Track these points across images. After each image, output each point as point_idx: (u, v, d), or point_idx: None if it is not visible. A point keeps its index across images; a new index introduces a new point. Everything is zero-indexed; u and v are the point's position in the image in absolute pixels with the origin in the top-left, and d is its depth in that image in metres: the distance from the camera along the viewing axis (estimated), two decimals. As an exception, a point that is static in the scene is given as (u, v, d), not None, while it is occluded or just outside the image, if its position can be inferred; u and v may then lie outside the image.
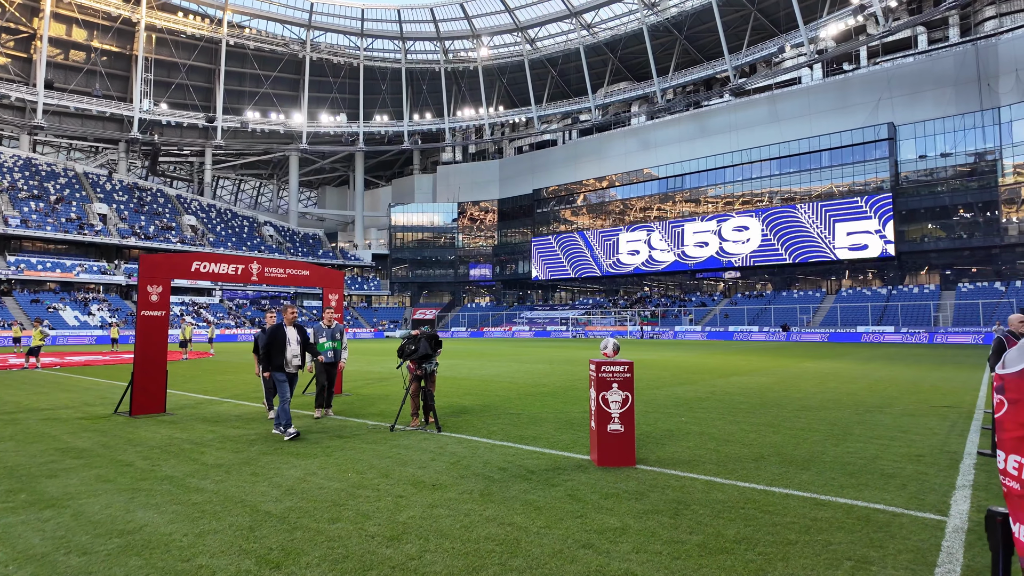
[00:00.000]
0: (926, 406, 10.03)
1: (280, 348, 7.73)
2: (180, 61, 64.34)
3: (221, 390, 12.90)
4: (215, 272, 10.40)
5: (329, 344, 9.24)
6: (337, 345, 9.31)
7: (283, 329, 7.85)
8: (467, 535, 4.08)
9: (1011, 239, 43.02)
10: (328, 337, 9.27)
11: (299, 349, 8.07)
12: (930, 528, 4.20)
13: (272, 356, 7.66)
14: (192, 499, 4.92)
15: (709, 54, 60.71)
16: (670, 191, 59.67)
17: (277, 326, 7.84)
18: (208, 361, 22.90)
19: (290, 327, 8.04)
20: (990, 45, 44.97)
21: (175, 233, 58.83)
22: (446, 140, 73.39)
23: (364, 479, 5.51)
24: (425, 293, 78.13)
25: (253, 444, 7.15)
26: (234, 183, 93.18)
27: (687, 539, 4.00)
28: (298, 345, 8.06)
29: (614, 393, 6.06)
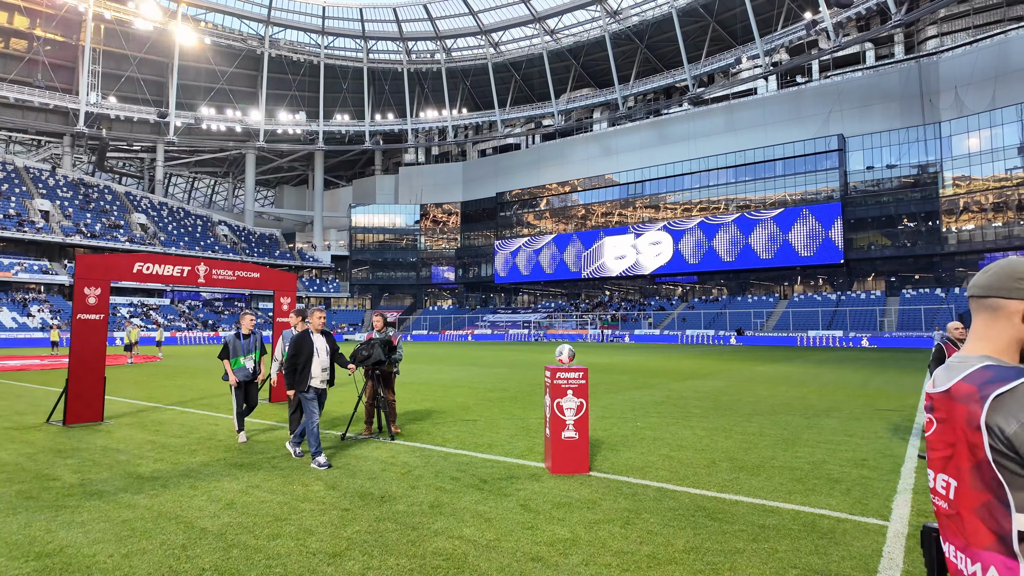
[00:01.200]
0: (871, 410, 10.35)
1: (307, 360, 6.56)
2: (131, 54, 61.98)
3: (166, 397, 12.37)
4: (159, 274, 9.96)
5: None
6: None
7: (310, 337, 6.65)
8: (414, 550, 3.95)
9: (951, 248, 45.15)
10: None
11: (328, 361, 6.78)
12: (872, 534, 4.28)
13: (299, 370, 6.52)
14: (122, 516, 4.64)
15: (669, 63, 61.90)
16: (631, 197, 60.55)
17: (304, 333, 6.71)
18: (155, 365, 22.02)
19: (317, 334, 6.80)
20: (932, 63, 47.17)
21: (123, 232, 56.57)
22: (409, 141, 72.71)
23: (309, 491, 5.31)
24: (386, 295, 77.15)
25: (195, 454, 6.84)
26: (187, 181, 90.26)
27: (637, 550, 3.96)
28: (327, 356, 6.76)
29: (569, 400, 6.02)
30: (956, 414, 1.38)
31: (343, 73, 70.69)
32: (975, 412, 1.33)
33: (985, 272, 1.50)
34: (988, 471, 1.31)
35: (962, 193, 44.81)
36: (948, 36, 48.90)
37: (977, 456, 1.33)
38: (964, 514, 1.38)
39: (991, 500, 1.32)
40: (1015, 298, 1.43)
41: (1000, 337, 1.45)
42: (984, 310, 1.48)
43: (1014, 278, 1.44)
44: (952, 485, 1.40)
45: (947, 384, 1.43)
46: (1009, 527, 1.29)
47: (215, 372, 18.78)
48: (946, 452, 1.42)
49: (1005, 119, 42.34)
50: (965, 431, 1.35)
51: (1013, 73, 42.93)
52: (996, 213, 43.29)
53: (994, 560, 1.32)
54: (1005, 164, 42.69)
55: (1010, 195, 42.44)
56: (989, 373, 1.35)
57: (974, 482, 1.35)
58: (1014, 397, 1.28)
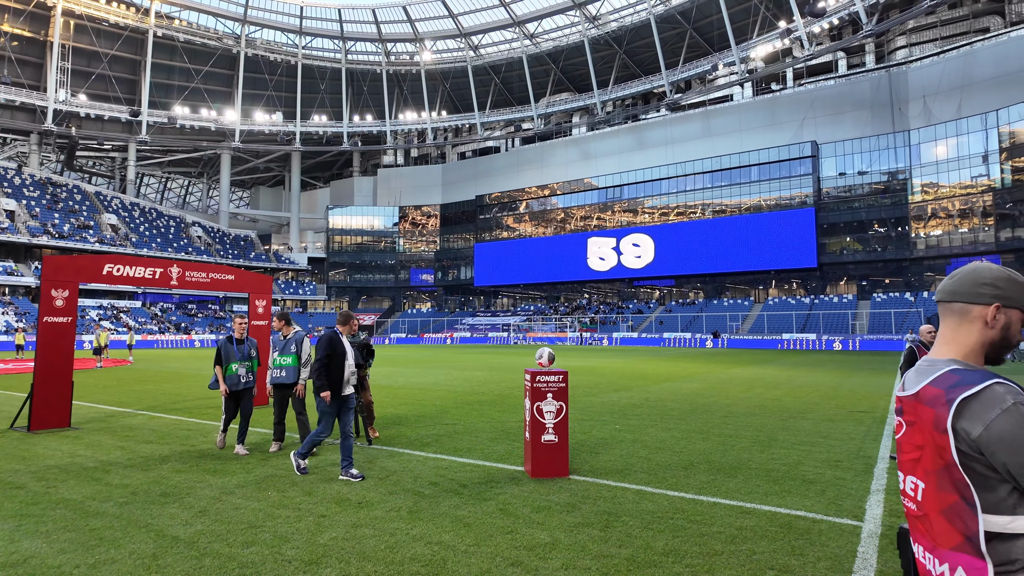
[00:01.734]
0: (844, 411, 10.53)
1: (339, 364, 6.13)
2: (102, 50, 60.62)
3: (136, 401, 12.08)
4: (130, 276, 9.72)
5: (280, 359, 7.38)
6: (292, 361, 7.37)
7: (341, 339, 6.19)
8: (391, 556, 3.90)
9: (919, 253, 46.30)
10: (279, 350, 7.38)
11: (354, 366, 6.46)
12: (847, 534, 4.34)
13: (332, 374, 6.07)
14: (90, 525, 4.51)
15: (647, 69, 62.53)
16: (610, 201, 60.96)
17: (334, 335, 6.17)
18: (125, 370, 21.50)
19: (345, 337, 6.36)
20: (901, 72, 48.39)
21: (93, 232, 55.23)
22: (387, 143, 72.27)
23: (285, 498, 5.22)
24: (364, 298, 76.47)
25: (166, 461, 6.68)
26: (160, 181, 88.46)
27: (616, 553, 3.96)
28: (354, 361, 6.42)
29: (549, 403, 6.01)
30: (924, 417, 1.41)
31: (321, 74, 70.04)
32: (942, 415, 1.35)
33: (952, 278, 1.53)
34: (955, 473, 1.33)
35: (930, 200, 46.00)
36: (916, 47, 50.21)
37: (944, 458, 1.35)
38: (932, 515, 1.40)
39: (958, 501, 1.34)
40: (980, 303, 1.46)
41: (966, 341, 1.48)
42: (951, 315, 1.52)
43: (979, 283, 1.48)
44: (920, 487, 1.43)
45: (916, 388, 1.46)
46: (976, 528, 1.31)
47: (188, 376, 18.41)
48: (915, 454, 1.44)
49: (970, 128, 43.59)
50: (933, 434, 1.38)
51: (978, 84, 44.24)
52: (962, 219, 44.50)
53: (962, 560, 1.35)
54: (971, 172, 43.94)
55: (975, 202, 43.68)
56: (955, 377, 1.38)
57: (941, 484, 1.37)
58: (979, 401, 1.31)
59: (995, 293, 1.46)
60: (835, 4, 46.79)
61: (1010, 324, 1.46)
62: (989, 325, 1.46)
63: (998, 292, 1.46)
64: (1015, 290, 1.46)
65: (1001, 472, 1.30)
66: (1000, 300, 1.45)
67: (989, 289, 1.46)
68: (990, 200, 42.86)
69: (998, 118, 42.08)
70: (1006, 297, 1.46)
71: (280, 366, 7.35)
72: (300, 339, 7.49)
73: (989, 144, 42.74)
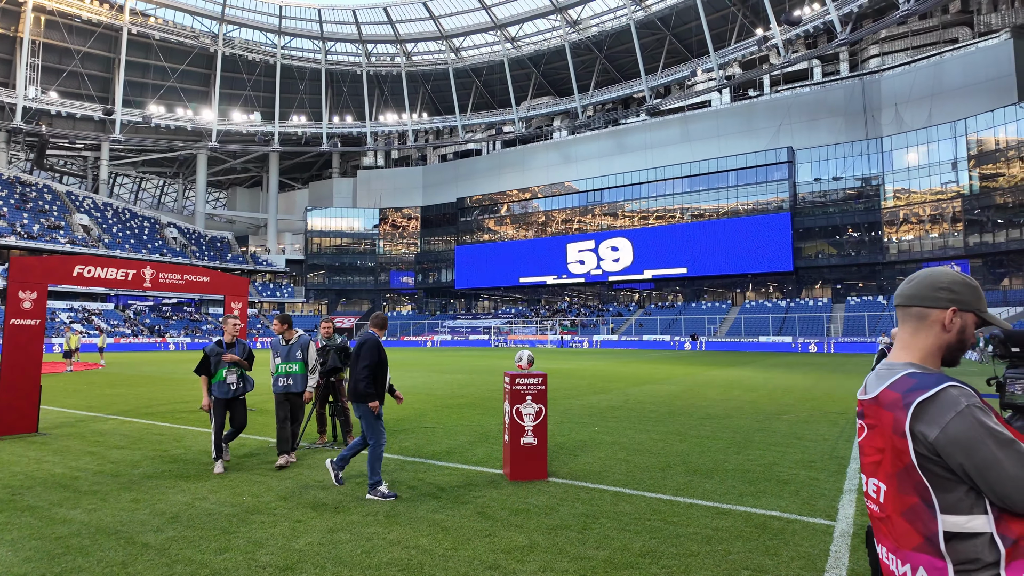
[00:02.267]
0: (819, 413, 10.71)
1: (384, 372, 5.70)
2: (74, 47, 59.30)
3: (107, 406, 11.81)
4: (101, 277, 9.52)
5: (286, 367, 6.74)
6: (299, 368, 6.75)
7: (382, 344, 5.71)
8: (368, 561, 3.86)
9: (892, 257, 47.33)
10: (284, 357, 6.74)
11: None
12: (820, 533, 4.41)
13: (379, 381, 5.63)
14: (56, 532, 4.39)
15: (627, 74, 63.05)
16: (590, 204, 61.33)
17: (376, 340, 5.66)
18: (96, 373, 21.03)
19: None
20: (874, 80, 49.48)
21: (64, 233, 53.98)
22: (367, 144, 71.80)
23: (260, 503, 5.14)
24: (343, 301, 75.81)
25: (138, 466, 6.54)
26: (134, 181, 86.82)
27: (594, 555, 3.98)
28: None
29: (528, 406, 6.01)
30: (884, 421, 1.43)
31: (300, 74, 69.37)
32: (900, 419, 1.38)
33: (908, 282, 1.57)
34: (914, 475, 1.37)
35: (902, 205, 47.07)
36: (889, 56, 51.40)
37: (903, 461, 1.38)
38: (893, 517, 1.43)
39: (918, 503, 1.37)
40: (936, 307, 1.50)
41: (923, 345, 1.51)
42: (909, 319, 1.55)
43: (935, 288, 1.51)
44: (882, 489, 1.45)
45: (875, 391, 1.49)
46: (935, 528, 1.34)
47: (161, 380, 18.06)
48: (876, 457, 1.47)
49: (940, 136, 44.73)
50: (892, 437, 1.40)
51: (947, 92, 45.42)
52: (933, 224, 45.61)
53: (922, 561, 1.38)
54: (941, 178, 45.07)
55: (945, 208, 44.80)
56: (912, 381, 1.41)
57: (902, 486, 1.40)
58: (935, 404, 1.34)
59: (951, 297, 1.49)
60: (811, 13, 47.68)
61: (965, 327, 1.50)
62: (946, 329, 1.50)
63: (954, 296, 1.49)
64: (970, 294, 1.50)
65: (958, 473, 1.33)
66: (956, 304, 1.49)
67: (946, 293, 1.50)
68: (959, 206, 43.98)
69: (966, 126, 43.24)
70: (961, 301, 1.49)
71: (286, 373, 6.67)
72: (306, 344, 6.88)
73: (958, 151, 43.89)
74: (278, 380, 6.70)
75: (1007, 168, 41.44)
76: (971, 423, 1.31)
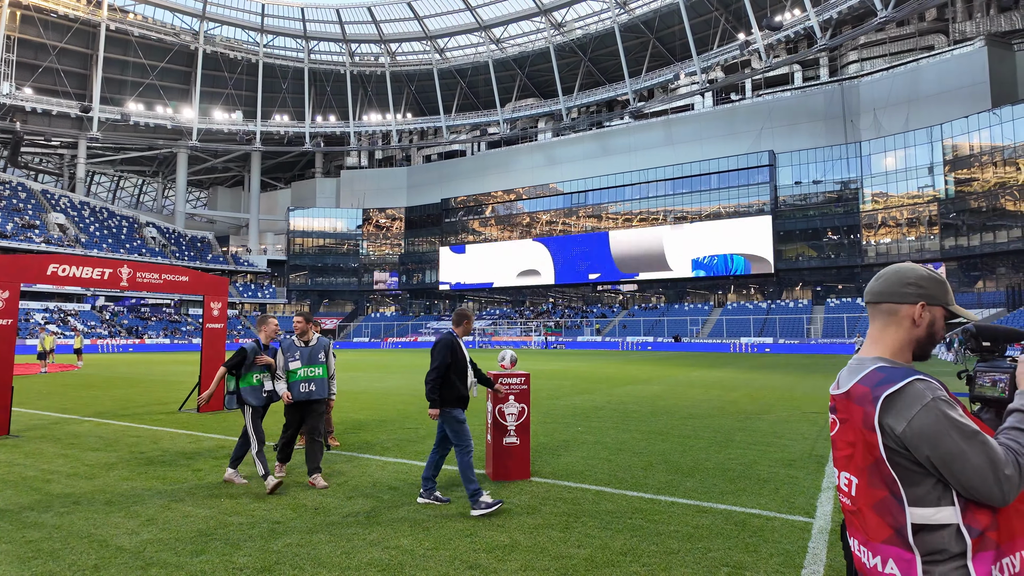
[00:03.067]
0: (798, 412, 10.84)
1: (461, 372, 5.27)
2: (50, 43, 58.18)
3: (83, 407, 11.58)
4: (77, 276, 9.33)
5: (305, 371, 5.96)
6: (322, 372, 6.05)
7: (461, 345, 5.29)
8: (347, 562, 3.83)
9: (870, 260, 48.12)
10: (307, 360, 5.99)
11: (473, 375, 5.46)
12: (798, 530, 4.45)
13: (453, 383, 5.19)
14: (27, 536, 4.29)
15: (611, 77, 63.41)
16: (574, 206, 61.53)
17: (452, 339, 5.25)
18: (72, 375, 20.61)
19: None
20: (853, 86, 50.30)
21: (39, 232, 52.89)
22: (351, 144, 71.35)
23: (238, 504, 5.07)
24: (326, 302, 75.19)
25: (113, 469, 6.41)
26: (112, 180, 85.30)
27: (575, 553, 3.98)
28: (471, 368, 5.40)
29: (510, 405, 6.01)
30: (854, 415, 1.45)
31: (283, 73, 68.74)
32: (870, 413, 1.40)
33: (878, 279, 1.59)
34: (883, 469, 1.39)
35: (880, 209, 47.88)
36: (867, 61, 52.29)
37: (874, 454, 1.40)
38: (864, 510, 1.45)
39: (887, 496, 1.39)
40: (906, 302, 1.52)
41: (893, 340, 1.53)
42: (879, 315, 1.57)
43: (903, 283, 1.53)
44: (854, 482, 1.47)
45: (847, 386, 1.51)
46: (904, 520, 1.37)
47: (139, 381, 17.75)
48: (847, 451, 1.49)
49: (917, 140, 45.59)
50: (862, 431, 1.42)
51: (924, 98, 46.33)
52: (910, 228, 46.46)
53: (892, 553, 1.40)
54: (917, 182, 45.93)
55: (922, 211, 45.66)
56: (881, 375, 1.43)
57: (871, 479, 1.42)
58: (901, 397, 1.37)
59: (920, 292, 1.52)
60: (791, 18, 48.36)
61: (934, 321, 1.52)
62: (916, 323, 1.52)
63: (922, 291, 1.52)
64: (937, 288, 1.53)
65: (925, 465, 1.35)
66: (924, 299, 1.52)
67: (914, 289, 1.52)
68: (935, 210, 44.85)
69: (942, 132, 44.12)
70: (930, 295, 1.52)
71: (307, 378, 5.92)
72: (327, 346, 6.25)
73: (934, 156, 44.77)
74: (299, 386, 5.88)
75: (981, 173, 42.36)
76: (936, 415, 1.33)
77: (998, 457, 1.30)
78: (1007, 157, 40.34)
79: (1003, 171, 40.87)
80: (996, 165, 41.27)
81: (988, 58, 43.68)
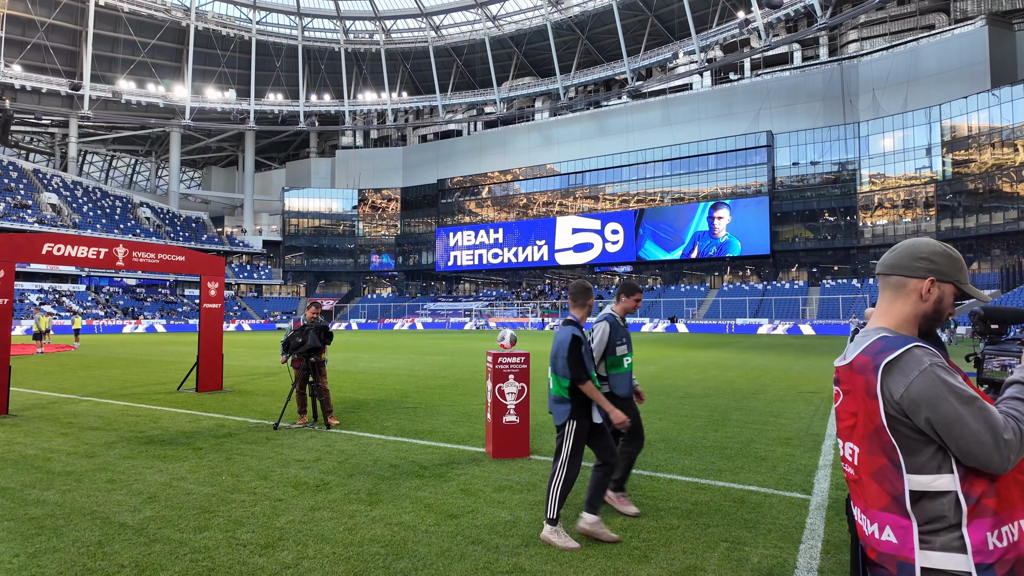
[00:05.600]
0: (794, 392, 10.92)
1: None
2: (38, 18, 57.03)
3: (81, 387, 11.58)
4: (72, 256, 9.26)
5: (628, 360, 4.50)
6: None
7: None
8: (350, 538, 3.86)
9: (866, 241, 48.18)
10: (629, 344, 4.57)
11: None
12: (796, 507, 4.51)
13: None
14: (29, 513, 4.30)
15: (609, 55, 62.71)
16: (571, 187, 61.24)
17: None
18: (68, 355, 20.59)
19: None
20: (852, 66, 49.90)
21: (32, 212, 52.39)
22: (346, 123, 70.57)
23: (239, 482, 5.09)
24: (322, 283, 75.05)
25: (113, 447, 6.43)
26: (105, 159, 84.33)
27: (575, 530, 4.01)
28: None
29: (510, 384, 6.02)
30: (857, 384, 1.47)
31: (276, 50, 67.71)
32: (872, 381, 1.41)
33: (892, 252, 1.59)
34: (884, 436, 1.40)
35: (877, 190, 47.81)
36: (867, 41, 51.83)
37: (874, 422, 1.41)
38: (864, 479, 1.47)
39: (886, 464, 1.41)
40: (915, 276, 1.52)
41: (900, 312, 1.53)
42: (889, 287, 1.57)
43: (915, 257, 1.53)
44: (856, 452, 1.49)
45: (850, 357, 1.52)
46: (902, 488, 1.38)
47: (137, 361, 17.73)
48: (850, 421, 1.50)
49: (915, 121, 45.38)
50: (865, 400, 1.44)
51: (923, 79, 46.03)
52: (906, 209, 46.45)
53: (889, 520, 1.42)
54: (915, 164, 45.83)
55: (918, 193, 45.63)
56: (881, 343, 1.44)
57: (872, 447, 1.43)
58: (900, 363, 1.38)
59: (930, 267, 1.51)
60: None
61: (943, 297, 1.52)
62: (923, 298, 1.52)
63: (933, 266, 1.51)
64: (949, 265, 1.52)
65: (925, 430, 1.36)
66: (934, 274, 1.51)
67: (925, 263, 1.51)
68: (932, 191, 44.83)
69: (940, 112, 43.91)
70: (940, 272, 1.51)
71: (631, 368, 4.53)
72: None
73: (932, 137, 44.61)
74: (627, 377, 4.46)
75: (979, 155, 42.27)
76: (933, 380, 1.34)
77: (997, 422, 1.31)
78: (1005, 138, 40.23)
79: (1001, 152, 40.78)
80: (994, 146, 41.18)
81: (988, 37, 43.32)
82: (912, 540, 1.37)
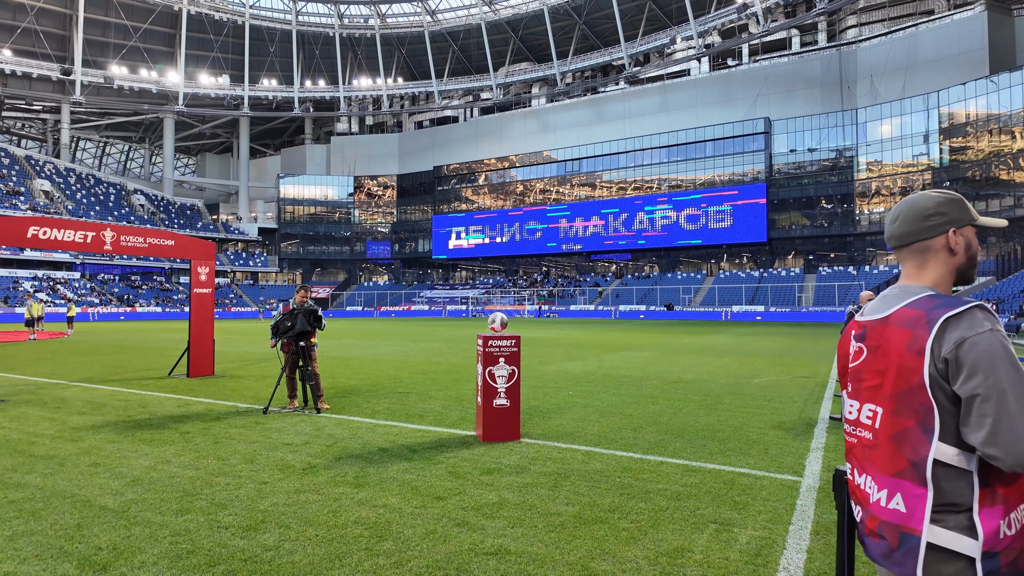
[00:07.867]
0: (788, 377, 10.90)
1: None
2: (28, 2, 56.21)
3: (71, 373, 11.49)
4: (58, 239, 9.13)
5: None
6: None
7: None
8: (334, 520, 3.80)
9: (863, 229, 48.14)
10: None
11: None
12: (787, 488, 4.46)
13: None
14: (9, 497, 4.24)
15: (607, 41, 62.17)
16: (568, 174, 60.94)
17: None
18: (61, 342, 20.48)
19: None
20: (851, 51, 49.56)
21: (24, 199, 51.99)
22: (341, 109, 69.97)
23: (225, 466, 5.03)
24: (318, 271, 74.83)
25: (99, 431, 6.35)
26: (98, 146, 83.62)
27: (563, 511, 3.96)
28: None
29: (501, 368, 5.96)
30: (894, 339, 1.38)
31: (270, 35, 66.92)
32: (921, 336, 1.32)
33: (895, 221, 1.51)
34: (921, 396, 1.31)
35: (874, 177, 47.69)
36: (866, 27, 51.44)
37: (911, 381, 1.33)
38: (883, 442, 1.39)
39: (913, 426, 1.32)
40: (936, 235, 1.45)
41: (936, 274, 1.46)
42: (911, 256, 1.49)
43: (925, 217, 1.46)
44: (879, 413, 1.41)
45: (887, 311, 1.43)
46: (926, 453, 1.30)
47: (130, 348, 17.63)
48: (875, 380, 1.42)
49: (913, 108, 45.17)
50: (903, 356, 1.35)
51: (921, 65, 45.75)
52: (903, 196, 46.26)
53: (901, 487, 1.34)
54: (912, 151, 45.68)
55: (916, 180, 45.52)
56: (937, 300, 1.36)
57: (899, 407, 1.35)
58: (960, 322, 1.29)
59: (945, 220, 1.45)
60: (790, -19, 47.32)
61: (970, 243, 1.47)
62: (953, 251, 1.45)
63: (946, 217, 1.45)
64: (959, 208, 1.46)
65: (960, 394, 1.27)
66: (952, 224, 1.45)
67: (938, 218, 1.45)
68: (929, 178, 44.73)
69: (938, 99, 43.70)
70: (955, 219, 1.45)
71: None
72: None
73: (930, 124, 44.43)
74: None
75: (976, 142, 42.14)
76: (992, 344, 1.26)
77: None
78: (1003, 125, 40.08)
79: (998, 139, 40.66)
80: (991, 133, 41.03)
81: (988, 23, 43.02)
82: (923, 511, 1.29)
